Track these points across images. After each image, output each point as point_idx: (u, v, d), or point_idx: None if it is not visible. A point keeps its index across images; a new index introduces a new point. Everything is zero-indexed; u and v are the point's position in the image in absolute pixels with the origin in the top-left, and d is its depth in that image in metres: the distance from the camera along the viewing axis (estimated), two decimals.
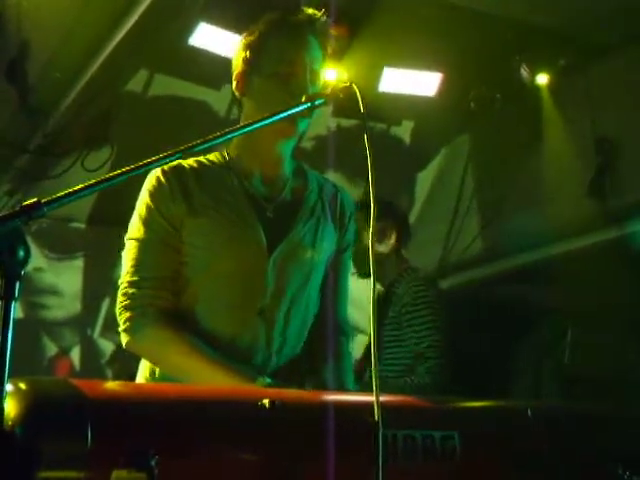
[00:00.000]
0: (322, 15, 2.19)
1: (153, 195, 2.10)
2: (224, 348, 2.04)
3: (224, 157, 2.21)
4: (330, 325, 2.22)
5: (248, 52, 2.18)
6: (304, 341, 2.21)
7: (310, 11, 2.19)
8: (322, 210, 2.24)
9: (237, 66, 2.21)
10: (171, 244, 2.09)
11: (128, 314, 2.05)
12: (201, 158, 2.20)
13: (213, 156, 2.22)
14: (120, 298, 2.07)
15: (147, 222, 2.09)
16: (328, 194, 2.29)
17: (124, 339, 2.07)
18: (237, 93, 2.22)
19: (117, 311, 2.08)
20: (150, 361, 2.10)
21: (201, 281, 2.09)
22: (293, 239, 2.14)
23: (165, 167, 2.11)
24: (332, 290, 2.27)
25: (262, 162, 2.20)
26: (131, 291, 2.05)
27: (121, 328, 2.07)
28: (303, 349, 2.21)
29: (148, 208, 2.10)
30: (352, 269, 2.45)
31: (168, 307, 2.06)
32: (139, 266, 2.07)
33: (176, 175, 2.12)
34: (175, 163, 2.13)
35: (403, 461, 1.57)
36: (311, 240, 2.17)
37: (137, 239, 2.09)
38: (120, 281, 2.09)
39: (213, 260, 2.08)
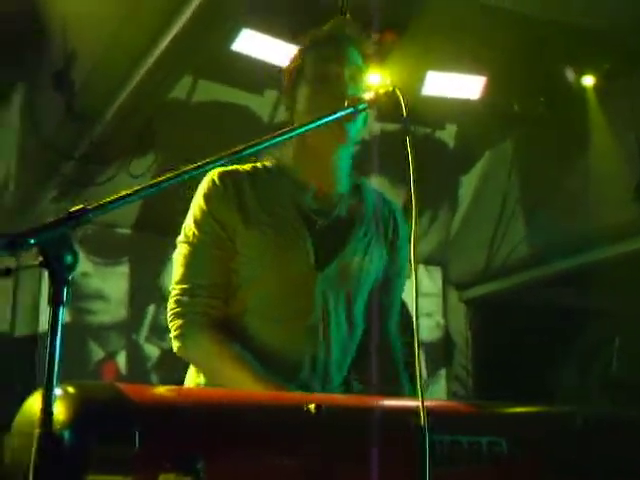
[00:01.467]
0: (357, 25, 2.22)
1: (208, 198, 2.10)
2: (270, 360, 2.03)
3: (279, 166, 2.20)
4: (379, 343, 2.19)
5: (291, 68, 2.22)
6: (351, 359, 2.18)
7: (342, 21, 2.24)
8: (376, 230, 2.21)
9: (285, 83, 2.24)
10: (224, 249, 2.08)
11: (180, 321, 2.04)
12: (258, 164, 2.19)
13: (269, 162, 2.21)
14: (172, 305, 2.07)
15: (200, 225, 2.09)
16: (384, 214, 2.26)
17: (175, 345, 2.06)
18: (288, 113, 2.23)
19: (168, 317, 2.07)
20: (197, 368, 2.11)
21: (250, 291, 2.08)
22: (344, 258, 2.12)
23: (221, 170, 2.11)
24: (383, 308, 2.24)
25: (317, 174, 2.18)
26: (183, 298, 2.05)
27: (172, 335, 2.06)
28: (351, 367, 2.18)
29: (202, 211, 2.09)
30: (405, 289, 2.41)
31: (219, 316, 2.06)
32: (191, 272, 2.07)
33: (232, 180, 2.11)
34: (232, 168, 2.13)
35: (449, 467, 1.56)
36: (361, 259, 2.14)
37: (190, 243, 2.09)
38: (171, 287, 2.09)
39: (262, 272, 2.07)
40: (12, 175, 6.27)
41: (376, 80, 4.84)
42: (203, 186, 2.12)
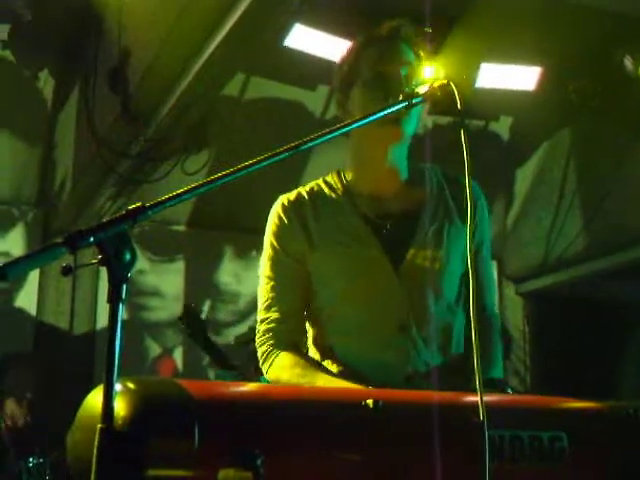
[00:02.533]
0: (407, 21, 2.22)
1: (276, 234, 2.20)
2: (369, 369, 2.06)
3: (342, 180, 2.25)
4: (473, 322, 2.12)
5: (345, 68, 2.23)
6: (454, 343, 2.17)
7: (396, 21, 2.22)
8: (446, 211, 2.20)
9: (337, 86, 2.26)
10: (298, 277, 2.18)
11: (263, 349, 2.17)
12: (320, 182, 2.26)
13: (331, 178, 2.26)
14: (258, 335, 2.20)
15: (273, 260, 2.19)
16: (451, 191, 2.24)
17: (263, 370, 2.18)
18: (340, 113, 2.25)
19: (257, 346, 2.20)
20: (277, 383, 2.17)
21: (335, 309, 2.15)
22: (416, 249, 2.13)
23: (285, 201, 2.20)
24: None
25: (375, 177, 2.21)
26: (264, 327, 2.17)
27: (260, 361, 2.18)
28: (458, 350, 2.17)
29: (273, 247, 2.20)
30: (492, 261, 2.39)
31: (296, 338, 2.19)
32: (270, 303, 2.18)
33: (295, 210, 2.19)
34: (294, 195, 2.22)
35: (510, 462, 1.55)
36: (436, 245, 2.14)
37: (267, 277, 2.20)
38: (257, 317, 2.22)
39: (341, 287, 2.13)
40: (69, 174, 6.37)
41: (429, 73, 4.84)
42: (270, 222, 2.22)
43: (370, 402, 1.50)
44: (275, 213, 2.21)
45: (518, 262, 7.40)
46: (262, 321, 2.18)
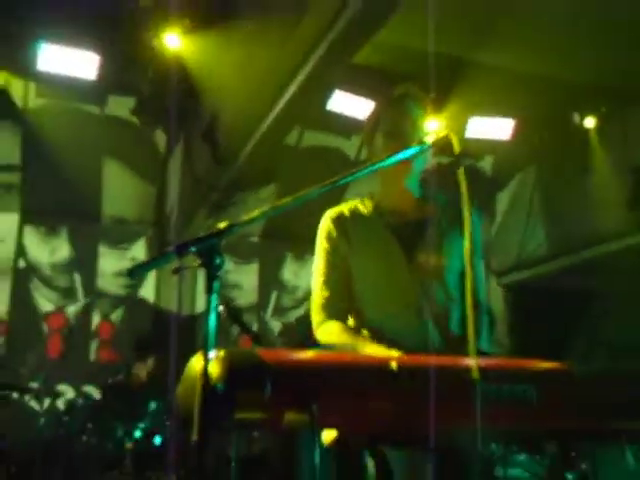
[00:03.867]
0: (415, 86, 2.19)
1: (326, 238, 2.18)
2: (397, 341, 1.99)
3: (372, 201, 2.23)
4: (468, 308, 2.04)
5: (371, 121, 2.22)
6: (455, 324, 2.12)
7: (407, 86, 2.19)
8: (448, 221, 2.15)
9: (366, 133, 2.24)
10: (342, 269, 2.15)
11: (317, 318, 2.13)
12: (358, 202, 2.24)
13: (366, 200, 2.24)
14: (313, 313, 2.15)
15: (324, 257, 2.17)
16: (452, 206, 2.17)
17: (317, 335, 2.14)
18: (368, 152, 2.24)
19: (312, 320, 2.16)
20: (327, 343, 2.14)
21: (367, 295, 2.13)
22: (424, 250, 2.11)
23: (332, 215, 2.19)
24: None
25: (396, 199, 2.19)
26: (317, 303, 2.14)
27: (314, 329, 2.15)
28: (458, 330, 2.12)
29: (324, 248, 2.17)
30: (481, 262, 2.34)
31: (342, 314, 2.13)
32: (323, 287, 2.14)
33: (339, 222, 2.18)
34: (338, 211, 2.20)
35: (494, 406, 1.51)
36: (438, 247, 2.12)
37: (320, 269, 2.16)
38: (312, 297, 2.18)
39: (372, 279, 2.11)
40: (176, 202, 6.45)
41: (434, 126, 4.81)
42: (321, 229, 2.19)
43: (394, 365, 1.48)
44: (325, 223, 2.20)
45: (499, 261, 7.33)
46: (316, 298, 2.15)
